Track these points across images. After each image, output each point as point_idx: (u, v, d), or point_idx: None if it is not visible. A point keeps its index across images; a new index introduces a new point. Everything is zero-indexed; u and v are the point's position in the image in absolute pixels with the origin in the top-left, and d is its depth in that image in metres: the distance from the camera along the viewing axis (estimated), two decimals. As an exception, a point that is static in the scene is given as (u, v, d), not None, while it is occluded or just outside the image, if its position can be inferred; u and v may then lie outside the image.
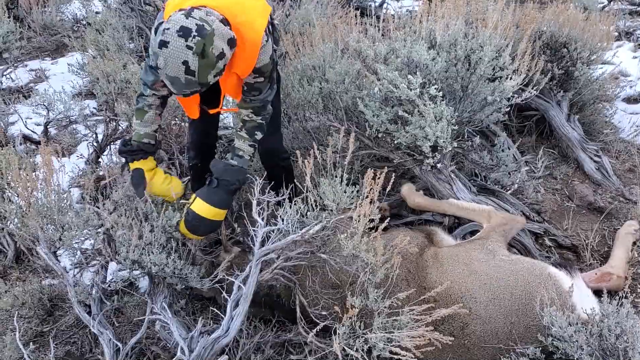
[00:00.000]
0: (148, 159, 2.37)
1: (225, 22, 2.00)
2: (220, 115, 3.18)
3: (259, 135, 2.35)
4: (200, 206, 2.25)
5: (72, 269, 2.48)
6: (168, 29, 1.86)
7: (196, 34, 1.85)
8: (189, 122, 2.74)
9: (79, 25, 6.27)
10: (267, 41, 2.14)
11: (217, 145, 3.09)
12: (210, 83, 1.99)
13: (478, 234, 2.52)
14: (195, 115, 2.42)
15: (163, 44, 1.86)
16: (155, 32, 2.04)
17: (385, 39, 2.88)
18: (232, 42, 1.99)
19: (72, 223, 2.28)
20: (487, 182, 3.06)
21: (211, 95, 2.38)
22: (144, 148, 2.34)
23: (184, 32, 1.85)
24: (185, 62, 1.86)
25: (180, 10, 1.94)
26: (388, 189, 2.26)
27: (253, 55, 2.11)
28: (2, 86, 4.99)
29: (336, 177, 2.28)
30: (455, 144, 2.64)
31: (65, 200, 2.37)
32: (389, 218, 2.17)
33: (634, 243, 2.76)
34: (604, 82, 3.81)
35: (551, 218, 3.11)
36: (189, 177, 2.90)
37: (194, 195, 2.32)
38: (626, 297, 1.94)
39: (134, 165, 2.34)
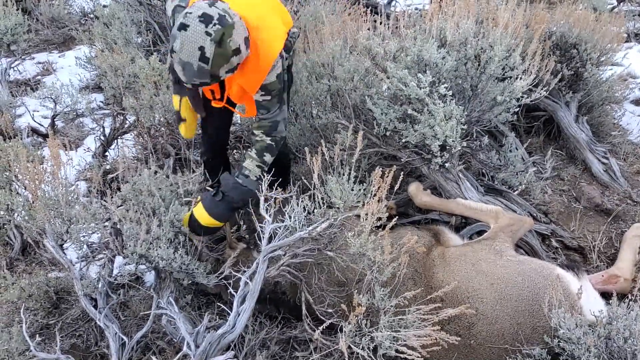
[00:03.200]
0: None
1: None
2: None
3: (267, 157, 2.36)
4: (201, 213, 2.30)
5: (79, 262, 2.49)
6: (190, 13, 1.88)
7: (217, 22, 1.88)
8: (201, 118, 2.76)
9: (86, 18, 6.28)
10: (277, 62, 2.17)
11: (230, 142, 3.10)
12: (221, 78, 2.00)
13: (485, 234, 2.51)
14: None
15: (183, 27, 1.87)
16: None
17: (394, 37, 2.87)
18: (247, 42, 2.01)
19: (79, 216, 2.29)
20: (494, 182, 3.04)
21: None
22: None
23: (206, 19, 1.87)
24: (201, 48, 1.87)
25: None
26: (396, 188, 2.26)
27: (264, 70, 2.14)
28: (10, 78, 5.00)
29: (343, 175, 2.28)
30: (464, 144, 2.63)
31: (72, 194, 2.37)
32: (396, 217, 2.16)
33: (642, 246, 2.75)
34: (612, 83, 3.78)
35: (558, 219, 3.09)
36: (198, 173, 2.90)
37: (199, 198, 2.35)
38: (635, 300, 1.93)
39: None
